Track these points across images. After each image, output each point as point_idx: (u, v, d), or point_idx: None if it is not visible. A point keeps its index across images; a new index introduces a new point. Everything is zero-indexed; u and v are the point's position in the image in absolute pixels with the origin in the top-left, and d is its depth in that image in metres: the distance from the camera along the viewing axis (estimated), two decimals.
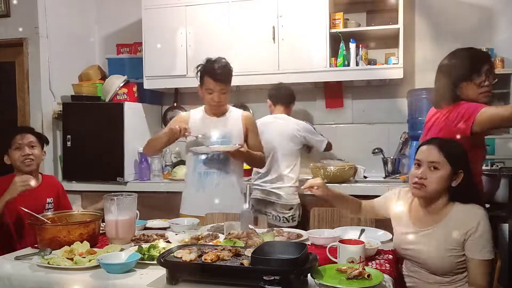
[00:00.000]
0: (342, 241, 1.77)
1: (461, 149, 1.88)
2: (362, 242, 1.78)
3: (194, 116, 2.76)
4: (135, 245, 1.98)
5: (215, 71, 2.56)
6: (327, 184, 2.26)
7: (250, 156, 2.70)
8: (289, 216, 3.22)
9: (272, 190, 3.19)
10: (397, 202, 2.06)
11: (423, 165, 1.87)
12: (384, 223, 2.33)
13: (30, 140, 2.51)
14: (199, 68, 2.65)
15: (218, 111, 2.72)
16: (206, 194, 2.66)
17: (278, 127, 3.26)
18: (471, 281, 1.80)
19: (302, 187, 2.25)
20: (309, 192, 2.23)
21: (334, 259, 1.76)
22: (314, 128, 3.44)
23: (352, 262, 1.68)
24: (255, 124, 2.83)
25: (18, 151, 2.48)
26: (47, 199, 2.57)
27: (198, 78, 2.66)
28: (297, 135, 3.27)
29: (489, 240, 1.79)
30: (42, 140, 2.61)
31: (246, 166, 3.89)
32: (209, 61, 2.62)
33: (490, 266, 1.79)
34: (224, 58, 2.65)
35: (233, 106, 2.86)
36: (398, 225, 2.02)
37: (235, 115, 2.76)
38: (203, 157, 2.67)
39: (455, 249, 1.81)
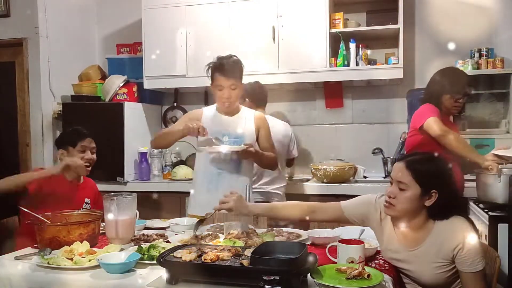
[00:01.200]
0: (341, 241, 1.77)
1: (434, 168, 1.77)
2: (362, 242, 1.78)
3: (206, 114, 2.73)
4: (135, 245, 1.99)
5: (224, 67, 2.56)
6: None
7: (260, 156, 2.65)
8: None
9: (272, 191, 3.16)
10: (377, 212, 1.93)
11: (394, 183, 1.80)
12: None
13: (94, 146, 2.63)
14: (210, 65, 2.63)
15: (229, 109, 2.68)
16: (219, 195, 2.62)
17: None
18: None
19: (215, 207, 2.12)
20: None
21: (333, 259, 1.76)
22: None
23: (352, 262, 1.68)
24: (267, 125, 2.78)
25: (82, 153, 2.55)
26: (86, 199, 2.64)
27: (209, 77, 2.65)
28: (288, 134, 3.31)
29: (477, 252, 1.73)
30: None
31: None
32: (219, 58, 2.62)
33: (483, 275, 1.75)
34: (236, 56, 2.64)
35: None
36: (382, 237, 1.92)
37: (247, 115, 2.74)
38: (215, 157, 2.64)
39: (446, 265, 1.77)
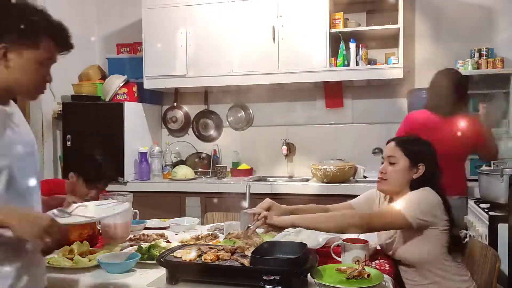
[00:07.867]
0: (346, 240, 1.77)
1: (421, 145, 1.94)
2: (366, 241, 1.78)
3: None
4: (131, 246, 1.99)
5: None
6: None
7: None
8: None
9: None
10: (376, 200, 2.06)
11: (385, 161, 1.95)
12: None
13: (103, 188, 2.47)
14: None
15: None
16: None
17: None
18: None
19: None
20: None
21: (338, 258, 1.76)
22: None
23: (358, 261, 1.68)
24: None
25: (88, 191, 2.42)
26: None
27: None
28: None
29: (415, 204, 1.76)
30: None
31: (246, 166, 3.91)
32: None
33: (401, 220, 1.73)
34: None
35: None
36: None
37: None
38: None
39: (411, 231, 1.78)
